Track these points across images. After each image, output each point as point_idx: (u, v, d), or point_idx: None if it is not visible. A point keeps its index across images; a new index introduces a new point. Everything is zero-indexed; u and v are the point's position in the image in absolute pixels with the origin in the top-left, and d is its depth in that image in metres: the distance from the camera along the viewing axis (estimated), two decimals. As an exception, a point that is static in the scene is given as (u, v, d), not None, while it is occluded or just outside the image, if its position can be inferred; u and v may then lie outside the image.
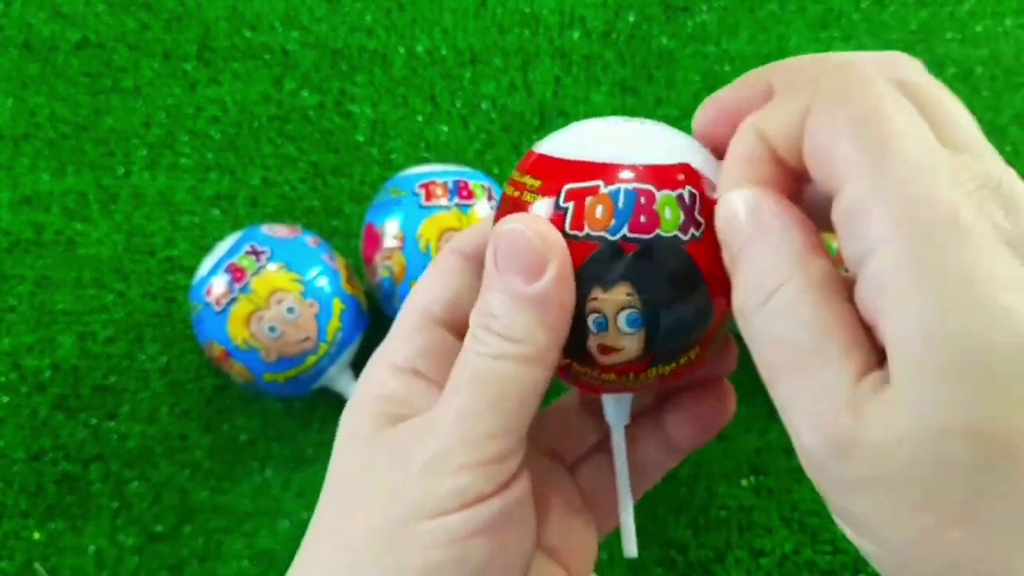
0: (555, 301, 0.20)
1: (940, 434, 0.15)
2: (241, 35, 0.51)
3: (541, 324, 0.20)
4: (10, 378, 0.45)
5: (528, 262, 0.20)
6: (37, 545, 0.42)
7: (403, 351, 0.24)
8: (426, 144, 0.50)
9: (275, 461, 0.44)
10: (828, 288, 0.17)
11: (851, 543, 0.18)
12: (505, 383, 0.20)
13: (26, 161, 0.49)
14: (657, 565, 0.42)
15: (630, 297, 0.20)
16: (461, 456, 0.20)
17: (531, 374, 0.21)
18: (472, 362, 0.21)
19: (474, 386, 0.21)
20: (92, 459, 0.44)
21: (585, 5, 0.52)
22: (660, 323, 0.20)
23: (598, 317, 0.21)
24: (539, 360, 0.21)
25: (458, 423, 0.20)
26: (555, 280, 0.20)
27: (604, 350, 0.21)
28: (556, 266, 0.20)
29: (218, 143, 0.49)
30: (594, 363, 0.22)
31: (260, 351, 0.39)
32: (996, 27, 0.52)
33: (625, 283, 0.20)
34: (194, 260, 0.46)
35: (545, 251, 0.20)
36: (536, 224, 0.20)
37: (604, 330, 0.21)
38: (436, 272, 0.25)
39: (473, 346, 0.21)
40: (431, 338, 0.24)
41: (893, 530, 0.16)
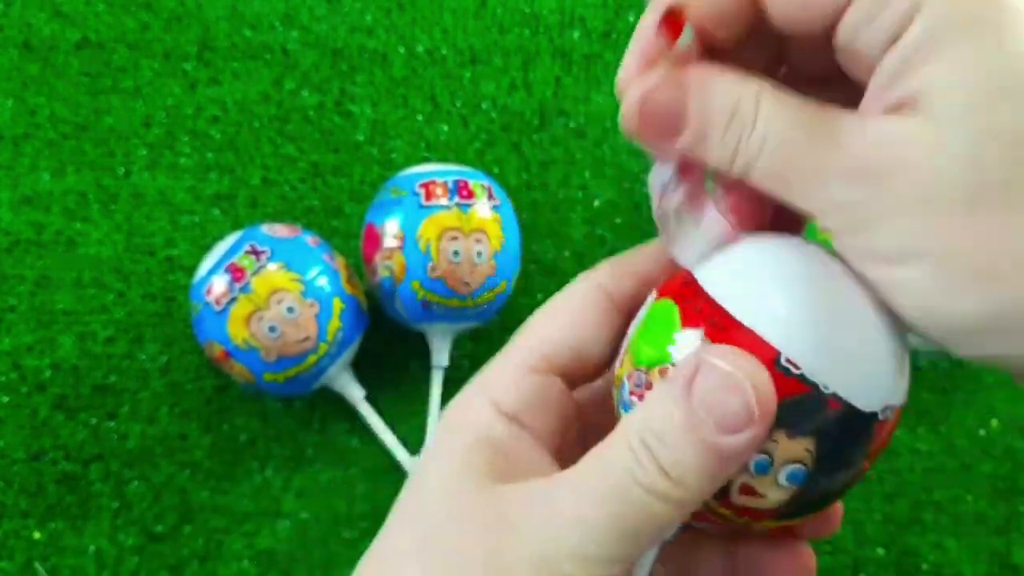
0: (736, 461, 0.18)
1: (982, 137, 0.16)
2: (241, 35, 0.51)
3: (711, 476, 0.18)
4: (10, 378, 0.45)
5: (731, 414, 0.18)
6: (37, 545, 0.42)
7: (511, 395, 0.21)
8: (426, 144, 0.50)
9: (275, 461, 0.44)
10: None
11: (851, 543, 0.18)
12: (647, 519, 0.18)
13: (26, 161, 0.49)
14: (657, 565, 0.42)
15: (808, 453, 0.18)
16: (573, 570, 0.18)
17: (675, 517, 0.19)
18: (622, 480, 0.18)
19: (618, 506, 0.18)
20: (92, 459, 0.44)
21: (585, 5, 0.52)
22: (816, 487, 0.19)
23: (764, 459, 0.19)
24: (691, 507, 0.19)
25: (585, 535, 0.18)
26: (749, 444, 0.18)
27: (746, 491, 0.19)
28: (757, 431, 0.18)
29: (218, 143, 0.49)
30: (724, 498, 0.20)
31: (260, 351, 0.39)
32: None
33: (811, 439, 0.18)
34: (194, 260, 0.46)
35: (754, 414, 0.18)
36: (757, 376, 0.18)
37: (763, 474, 0.19)
38: (568, 306, 0.22)
39: (627, 461, 0.18)
40: (542, 387, 0.21)
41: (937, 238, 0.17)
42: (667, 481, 0.18)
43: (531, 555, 0.19)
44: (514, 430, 0.21)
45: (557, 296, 0.23)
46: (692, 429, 0.18)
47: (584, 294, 0.22)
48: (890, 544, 0.41)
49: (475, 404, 0.21)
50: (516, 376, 0.21)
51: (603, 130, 0.50)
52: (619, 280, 0.22)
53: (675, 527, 0.19)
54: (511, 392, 0.21)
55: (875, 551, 0.41)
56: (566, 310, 0.22)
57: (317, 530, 0.43)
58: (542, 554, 0.18)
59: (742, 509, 0.20)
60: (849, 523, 0.42)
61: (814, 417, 0.18)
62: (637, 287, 0.22)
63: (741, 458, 0.18)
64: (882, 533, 0.41)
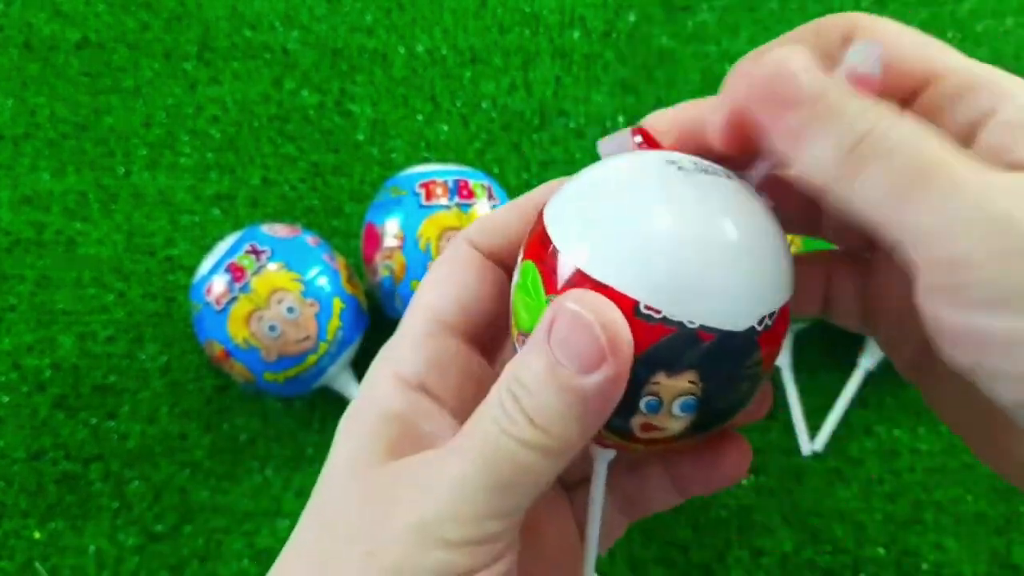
0: (599, 400, 0.18)
1: None
2: (241, 35, 0.51)
3: (577, 419, 0.18)
4: (10, 378, 0.45)
5: (585, 353, 0.18)
6: (37, 545, 0.42)
7: (411, 361, 0.21)
8: (426, 144, 0.50)
9: (275, 461, 0.44)
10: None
11: (851, 543, 0.18)
12: (520, 468, 0.18)
13: (26, 161, 0.49)
14: (658, 564, 0.42)
15: (693, 385, 0.19)
16: (454, 531, 0.18)
17: (549, 467, 0.19)
18: (490, 434, 0.19)
19: (485, 462, 0.19)
20: (92, 459, 0.44)
21: (585, 4, 0.52)
22: (712, 408, 0.19)
23: (653, 400, 0.19)
24: (562, 454, 0.19)
25: (457, 495, 0.19)
26: (607, 382, 0.18)
27: (646, 428, 0.20)
28: (613, 367, 0.18)
29: (218, 143, 0.49)
30: (629, 436, 0.20)
31: (260, 350, 0.39)
32: (997, 27, 0.52)
33: (692, 371, 0.19)
34: (194, 260, 0.46)
35: (606, 349, 0.18)
36: (610, 317, 0.18)
37: (655, 412, 0.19)
38: (449, 268, 0.22)
39: (496, 412, 0.19)
40: (441, 348, 0.22)
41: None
42: (533, 429, 0.18)
43: (412, 523, 0.19)
44: (416, 400, 0.21)
45: (435, 262, 0.23)
46: (551, 373, 0.18)
47: (459, 255, 0.22)
48: (890, 544, 0.41)
49: (378, 380, 0.21)
50: (416, 342, 0.21)
51: (603, 130, 0.50)
52: (488, 236, 0.23)
53: (549, 477, 0.19)
54: (411, 360, 0.21)
55: (875, 551, 0.41)
56: (446, 273, 0.22)
57: (317, 530, 0.43)
58: (421, 520, 0.19)
59: (650, 440, 0.20)
60: (849, 523, 0.42)
61: (688, 353, 0.18)
62: (505, 243, 0.23)
63: (606, 399, 0.18)
64: (882, 533, 0.41)
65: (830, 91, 0.17)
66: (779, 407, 0.44)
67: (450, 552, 0.18)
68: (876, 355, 0.43)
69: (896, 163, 0.16)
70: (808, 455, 0.43)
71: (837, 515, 0.42)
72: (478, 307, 0.22)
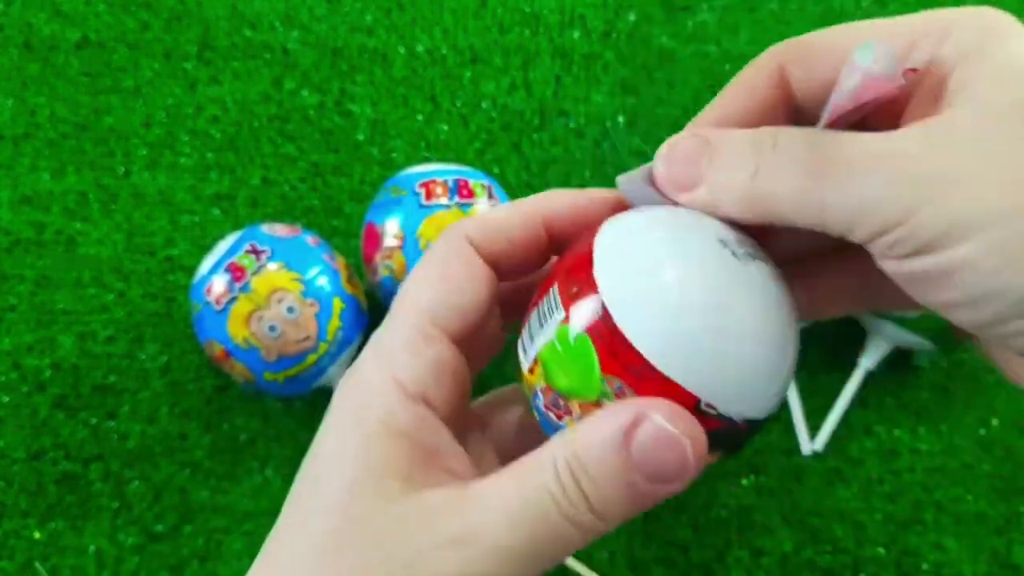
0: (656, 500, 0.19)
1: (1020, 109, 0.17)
2: (241, 34, 0.51)
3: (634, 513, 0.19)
4: (10, 378, 0.45)
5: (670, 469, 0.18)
6: (37, 545, 0.42)
7: (411, 368, 0.21)
8: (426, 143, 0.50)
9: (275, 460, 0.44)
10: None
11: (851, 543, 0.18)
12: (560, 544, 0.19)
13: (26, 161, 0.49)
14: (658, 564, 0.42)
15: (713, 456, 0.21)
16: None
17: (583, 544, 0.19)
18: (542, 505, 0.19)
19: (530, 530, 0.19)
20: (92, 459, 0.44)
21: (585, 4, 0.52)
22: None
23: None
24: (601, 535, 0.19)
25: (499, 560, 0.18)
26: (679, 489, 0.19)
27: None
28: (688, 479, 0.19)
29: (218, 143, 0.49)
30: None
31: (260, 350, 0.39)
32: (997, 26, 0.52)
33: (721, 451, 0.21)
34: (194, 259, 0.46)
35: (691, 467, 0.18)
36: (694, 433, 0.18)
37: None
38: (445, 266, 0.22)
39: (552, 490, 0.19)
40: (438, 354, 0.21)
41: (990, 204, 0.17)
42: (591, 515, 0.19)
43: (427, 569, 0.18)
44: (421, 415, 0.20)
45: (430, 253, 0.22)
46: (626, 475, 0.18)
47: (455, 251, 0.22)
48: (890, 544, 0.41)
49: (376, 383, 0.21)
50: (415, 348, 0.21)
51: (603, 129, 0.50)
52: (488, 237, 0.22)
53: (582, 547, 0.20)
54: (411, 367, 0.21)
55: (875, 551, 0.41)
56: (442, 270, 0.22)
57: (317, 530, 0.43)
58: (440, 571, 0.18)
59: None
60: (849, 523, 0.42)
61: (729, 440, 0.20)
62: (506, 247, 0.22)
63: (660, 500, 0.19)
64: (882, 533, 0.41)
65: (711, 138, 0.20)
66: (779, 407, 0.44)
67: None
68: (876, 355, 0.43)
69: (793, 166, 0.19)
70: (808, 455, 0.43)
71: (837, 515, 0.42)
72: (473, 312, 0.22)
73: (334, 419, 0.21)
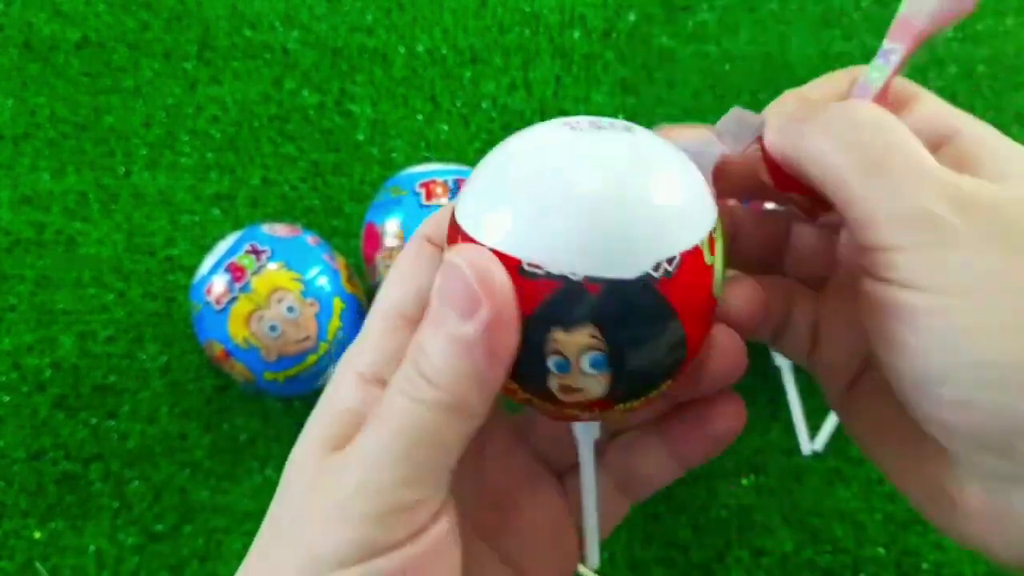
0: (483, 349, 0.18)
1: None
2: (241, 34, 0.51)
3: (468, 373, 0.18)
4: (10, 377, 0.45)
5: (461, 299, 0.18)
6: (37, 544, 0.42)
7: (369, 358, 0.21)
8: (426, 143, 0.50)
9: (275, 461, 0.44)
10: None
11: (851, 543, 0.18)
12: (421, 431, 0.18)
13: (26, 161, 0.49)
14: (658, 564, 0.42)
15: (595, 340, 0.18)
16: (366, 504, 0.18)
17: (453, 424, 0.19)
18: (393, 399, 0.19)
19: (389, 428, 0.19)
20: (92, 458, 0.44)
21: (585, 4, 0.52)
22: (626, 365, 0.19)
23: (559, 359, 0.19)
24: (461, 411, 0.19)
25: (367, 466, 0.18)
26: (484, 326, 0.18)
27: (566, 390, 0.19)
28: (487, 312, 0.18)
29: (218, 142, 0.49)
30: (556, 401, 0.20)
31: (260, 350, 0.39)
32: (997, 26, 0.52)
33: (590, 325, 0.18)
34: (194, 259, 0.46)
35: (480, 292, 0.18)
36: (480, 260, 0.18)
37: (566, 372, 0.19)
38: (408, 264, 0.22)
39: (398, 380, 0.19)
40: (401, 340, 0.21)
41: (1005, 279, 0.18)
42: (430, 387, 0.18)
43: (329, 504, 0.19)
44: (371, 392, 0.21)
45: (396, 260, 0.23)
46: (438, 326, 0.18)
47: (416, 250, 0.23)
48: (890, 544, 0.41)
49: (338, 382, 0.22)
50: (377, 339, 0.22)
51: (603, 130, 0.50)
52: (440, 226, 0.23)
53: (457, 437, 0.19)
54: (369, 356, 0.21)
55: (875, 551, 0.41)
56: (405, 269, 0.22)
57: (317, 530, 0.43)
58: (336, 499, 0.19)
59: (578, 404, 0.20)
60: (849, 523, 0.42)
61: (578, 306, 0.18)
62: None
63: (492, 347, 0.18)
64: (882, 533, 0.41)
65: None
66: (779, 407, 0.44)
67: (366, 527, 0.18)
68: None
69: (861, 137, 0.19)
70: (808, 455, 0.43)
71: (837, 515, 0.42)
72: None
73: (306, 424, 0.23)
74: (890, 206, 0.18)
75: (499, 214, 0.19)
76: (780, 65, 0.51)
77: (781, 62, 0.51)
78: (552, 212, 0.18)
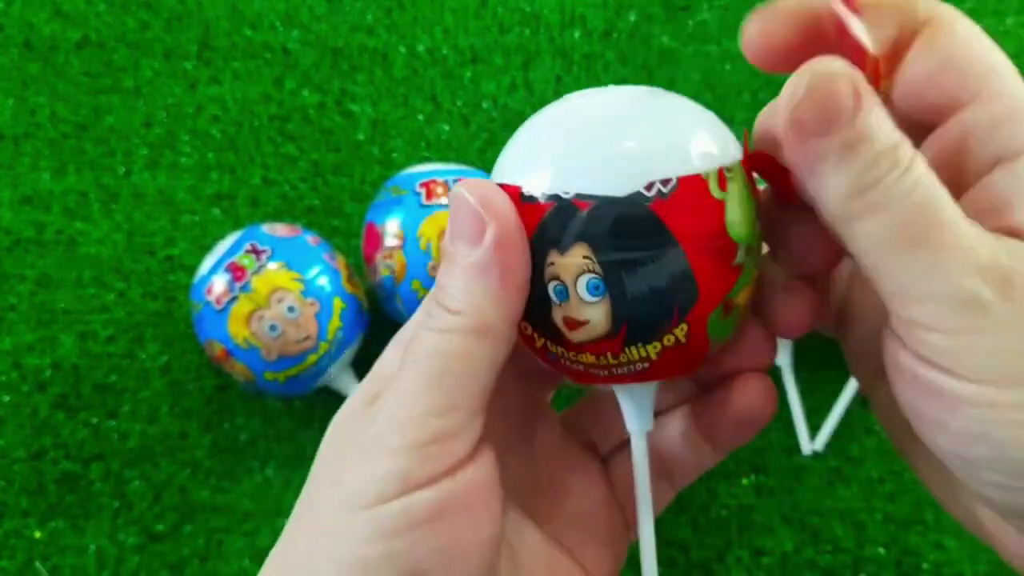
0: (496, 267, 0.19)
1: None
2: (241, 34, 0.51)
3: (485, 293, 0.19)
4: (11, 377, 0.45)
5: (469, 228, 0.19)
6: (38, 544, 0.42)
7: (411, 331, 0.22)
8: (427, 143, 0.50)
9: (276, 460, 0.44)
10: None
11: (851, 542, 0.18)
12: (448, 358, 0.19)
13: (27, 160, 0.49)
14: (658, 564, 0.42)
15: (587, 260, 0.19)
16: (399, 436, 0.19)
17: (478, 348, 0.19)
18: (418, 338, 0.20)
19: (417, 361, 0.19)
20: (93, 458, 0.44)
21: (586, 4, 0.52)
22: (625, 288, 0.19)
23: (558, 285, 0.19)
24: (486, 333, 0.19)
25: (396, 402, 0.19)
26: (493, 245, 0.19)
27: (570, 324, 0.20)
28: (494, 230, 0.19)
29: (218, 142, 0.49)
30: (565, 341, 0.20)
31: (261, 350, 0.39)
32: (997, 26, 0.52)
33: (581, 244, 0.19)
34: (195, 259, 0.46)
35: (484, 214, 0.19)
36: (480, 188, 0.19)
37: (566, 299, 0.19)
38: None
39: (420, 318, 0.20)
40: None
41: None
42: (451, 316, 0.19)
43: (364, 442, 0.19)
44: None
45: None
46: (452, 261, 0.20)
47: None
48: (891, 544, 0.41)
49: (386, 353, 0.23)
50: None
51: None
52: None
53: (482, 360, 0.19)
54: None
55: (876, 550, 0.41)
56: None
57: (317, 529, 0.43)
58: (370, 437, 0.19)
59: (586, 345, 0.20)
60: (850, 523, 0.42)
61: (570, 224, 0.19)
62: None
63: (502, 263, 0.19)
64: (883, 532, 0.41)
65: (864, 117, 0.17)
66: (779, 407, 0.43)
67: (401, 459, 0.18)
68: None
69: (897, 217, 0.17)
70: (808, 455, 0.43)
71: (837, 515, 0.42)
72: None
73: None
74: (928, 286, 0.17)
75: (507, 153, 0.21)
76: (780, 65, 0.51)
77: (781, 62, 0.51)
78: (549, 138, 0.20)
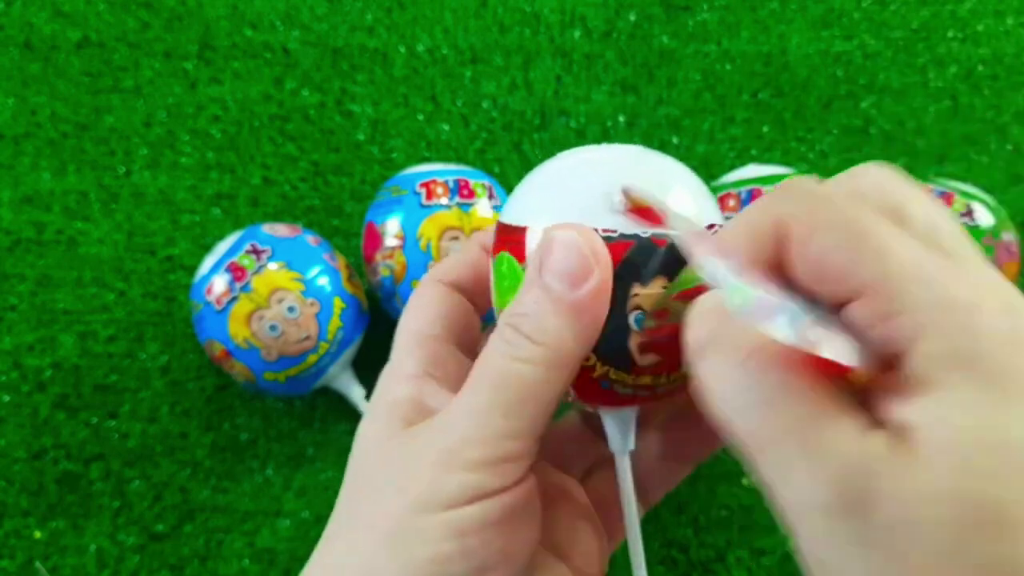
0: (591, 310, 0.21)
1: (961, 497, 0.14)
2: (242, 34, 0.51)
3: (572, 331, 0.21)
4: (11, 377, 0.45)
5: (574, 268, 0.21)
6: (38, 544, 0.42)
7: (410, 362, 0.24)
8: (427, 143, 0.50)
9: (276, 460, 0.44)
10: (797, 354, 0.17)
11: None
12: (526, 386, 0.21)
13: (27, 160, 0.49)
14: (658, 564, 0.42)
15: (667, 290, 0.21)
16: (475, 452, 0.20)
17: (554, 379, 0.21)
18: (495, 361, 0.21)
19: (495, 385, 0.21)
20: (93, 458, 0.44)
21: (586, 4, 0.52)
22: None
23: (638, 313, 0.21)
24: (563, 367, 0.21)
25: (475, 420, 0.21)
26: (597, 289, 0.21)
27: (643, 348, 0.22)
28: (600, 276, 0.21)
29: (219, 142, 0.49)
30: (631, 365, 0.22)
31: (261, 350, 0.39)
32: (997, 26, 0.52)
33: (662, 277, 0.21)
34: (195, 259, 0.46)
35: (592, 260, 0.21)
36: (587, 233, 0.21)
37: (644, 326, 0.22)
38: (420, 298, 0.26)
39: (497, 345, 0.21)
40: (434, 349, 0.24)
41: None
42: (534, 346, 0.21)
43: (436, 454, 0.21)
44: (421, 382, 0.24)
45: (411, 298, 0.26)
46: (546, 293, 0.21)
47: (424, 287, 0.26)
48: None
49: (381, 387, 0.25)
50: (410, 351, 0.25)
51: (603, 129, 0.50)
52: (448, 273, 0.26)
53: (556, 391, 0.21)
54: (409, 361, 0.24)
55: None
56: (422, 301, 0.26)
57: (318, 529, 0.43)
58: (444, 448, 0.21)
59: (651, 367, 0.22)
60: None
61: (651, 260, 0.21)
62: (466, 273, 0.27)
63: (596, 306, 0.21)
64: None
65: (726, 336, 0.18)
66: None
67: (475, 472, 0.20)
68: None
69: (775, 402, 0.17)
70: (808, 455, 0.43)
71: (837, 515, 0.42)
72: (455, 319, 0.26)
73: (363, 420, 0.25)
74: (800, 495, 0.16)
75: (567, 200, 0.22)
76: (780, 65, 0.51)
77: (781, 62, 0.51)
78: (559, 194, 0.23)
